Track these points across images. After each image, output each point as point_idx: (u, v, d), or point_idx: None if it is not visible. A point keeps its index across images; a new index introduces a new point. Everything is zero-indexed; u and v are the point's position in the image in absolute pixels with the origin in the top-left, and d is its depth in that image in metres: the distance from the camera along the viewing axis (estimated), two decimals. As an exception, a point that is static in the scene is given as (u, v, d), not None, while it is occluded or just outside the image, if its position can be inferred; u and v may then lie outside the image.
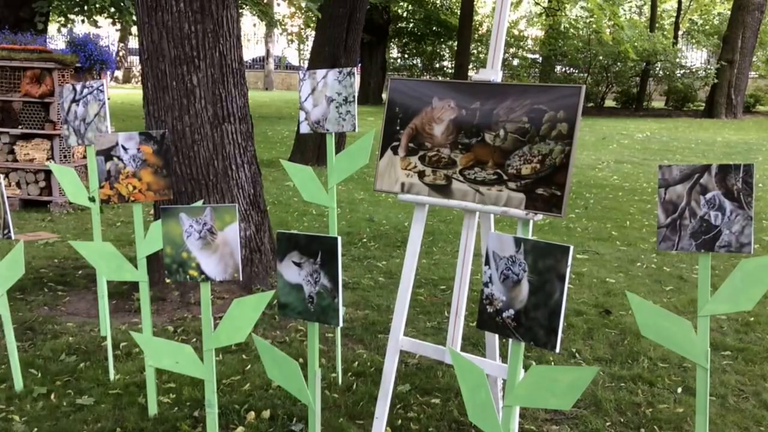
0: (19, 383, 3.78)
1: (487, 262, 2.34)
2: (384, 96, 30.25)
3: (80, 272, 5.85)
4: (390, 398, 3.28)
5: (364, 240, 7.30)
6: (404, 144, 3.14)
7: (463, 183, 2.98)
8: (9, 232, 3.53)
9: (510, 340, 2.32)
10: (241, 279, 2.99)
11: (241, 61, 5.14)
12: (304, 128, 3.79)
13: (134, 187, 3.30)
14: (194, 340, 4.51)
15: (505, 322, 2.30)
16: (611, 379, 4.10)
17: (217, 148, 5.00)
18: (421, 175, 3.09)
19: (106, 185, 3.29)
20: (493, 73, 2.99)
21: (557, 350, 2.20)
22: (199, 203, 3.52)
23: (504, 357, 3.37)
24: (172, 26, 4.77)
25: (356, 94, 3.63)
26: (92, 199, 3.84)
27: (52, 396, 3.72)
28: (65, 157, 8.24)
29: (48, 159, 8.17)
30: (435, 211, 8.85)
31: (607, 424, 3.58)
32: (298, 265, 2.66)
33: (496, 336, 3.21)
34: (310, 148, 11.89)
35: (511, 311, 2.28)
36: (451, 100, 3.02)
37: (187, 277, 2.98)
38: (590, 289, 5.78)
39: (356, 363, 4.22)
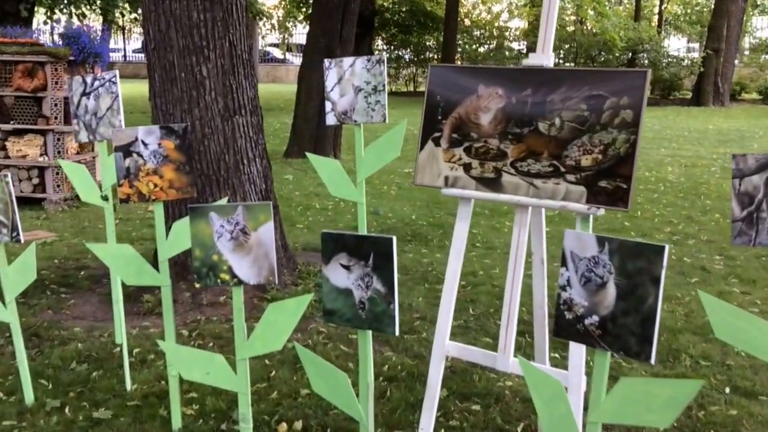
0: (29, 396, 3.54)
1: (564, 263, 2.13)
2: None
3: (83, 273, 5.59)
4: (436, 408, 3.08)
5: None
6: (447, 135, 2.92)
7: (514, 176, 2.78)
8: (18, 234, 3.29)
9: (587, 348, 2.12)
10: (277, 282, 2.76)
11: (250, 51, 4.90)
12: (330, 120, 3.56)
13: (155, 185, 3.07)
14: (211, 344, 4.29)
15: (588, 329, 2.09)
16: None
17: (228, 142, 4.76)
18: (467, 167, 2.88)
19: (125, 183, 3.05)
20: (544, 58, 2.78)
21: (653, 361, 2.00)
22: (224, 200, 3.29)
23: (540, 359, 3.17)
24: (180, 15, 4.53)
25: (386, 83, 3.41)
26: (105, 198, 3.60)
27: (66, 409, 3.48)
28: (59, 152, 7.95)
29: (42, 155, 7.88)
30: (441, 202, 8.65)
31: (662, 429, 3.39)
32: (347, 268, 2.44)
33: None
34: (307, 140, 11.64)
35: (595, 318, 2.08)
36: (498, 87, 2.81)
37: (218, 281, 2.75)
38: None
39: (386, 367, 4.01)
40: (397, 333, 2.41)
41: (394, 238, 2.32)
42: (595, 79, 2.62)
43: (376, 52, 32.83)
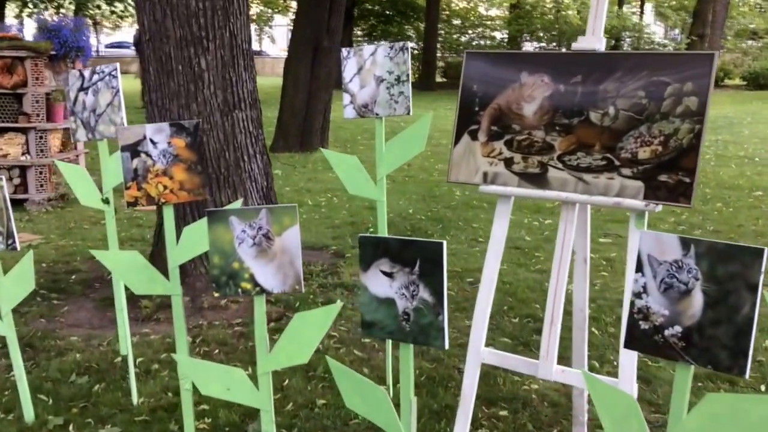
0: (30, 413, 3.28)
1: (640, 268, 1.91)
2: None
3: (74, 277, 5.32)
4: (470, 419, 2.87)
5: (371, 229, 6.85)
6: (486, 127, 2.70)
7: (562, 170, 2.56)
8: (14, 242, 3.03)
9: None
10: (302, 290, 2.53)
11: (250, 42, 4.64)
12: (349, 113, 3.32)
13: (165, 187, 2.82)
14: (216, 351, 4.05)
15: (669, 341, 1.88)
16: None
17: (228, 138, 4.51)
18: (508, 162, 2.66)
19: (132, 186, 2.80)
20: (595, 41, 2.56)
21: (746, 376, 1.79)
22: (238, 203, 3.04)
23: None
24: (177, 3, 4.26)
25: (410, 73, 3.18)
26: (106, 201, 3.34)
27: (71, 427, 3.24)
28: (42, 151, 7.64)
29: (23, 154, 7.56)
30: (437, 196, 8.45)
31: None
32: (389, 275, 2.21)
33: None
34: (293, 134, 11.37)
35: (678, 328, 1.87)
36: (544, 74, 2.59)
37: (239, 290, 2.51)
38: (624, 276, 5.40)
39: (404, 372, 3.79)
40: (446, 346, 2.19)
41: (445, 243, 2.10)
42: (655, 63, 2.41)
43: (356, 43, 32.51)
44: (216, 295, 2.56)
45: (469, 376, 2.82)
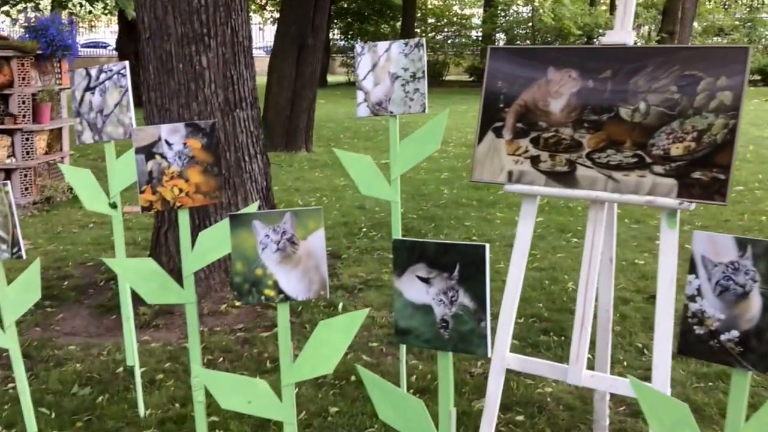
0: (33, 429, 3.14)
1: (694, 270, 1.85)
2: (330, 79, 29.55)
3: (66, 283, 5.18)
4: (494, 425, 2.79)
5: (364, 230, 6.76)
6: (510, 124, 2.62)
7: (591, 168, 2.49)
8: (19, 250, 2.90)
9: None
10: (327, 296, 2.44)
11: (250, 38, 4.53)
12: (363, 111, 3.22)
13: (180, 190, 2.71)
14: (221, 359, 3.94)
15: (725, 346, 1.81)
16: (697, 379, 3.69)
17: (229, 138, 4.40)
18: (534, 160, 2.59)
19: (147, 189, 2.69)
20: (624, 35, 2.49)
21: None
22: (254, 206, 2.94)
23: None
24: (179, -1, 4.14)
25: (425, 69, 3.10)
26: (113, 206, 3.22)
27: (77, 442, 3.13)
28: (27, 153, 7.46)
29: (9, 156, 7.38)
30: (426, 194, 8.37)
31: (722, 434, 3.16)
32: (426, 281, 2.13)
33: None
34: (279, 133, 11.22)
35: (735, 333, 1.80)
36: (571, 69, 2.52)
37: (262, 298, 2.42)
38: (623, 273, 5.37)
39: (414, 377, 3.72)
40: (489, 354, 2.11)
41: (487, 246, 2.02)
42: (688, 57, 2.35)
43: (332, 42, 32.32)
44: (238, 304, 2.47)
45: (493, 382, 2.75)
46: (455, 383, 3.66)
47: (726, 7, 33.93)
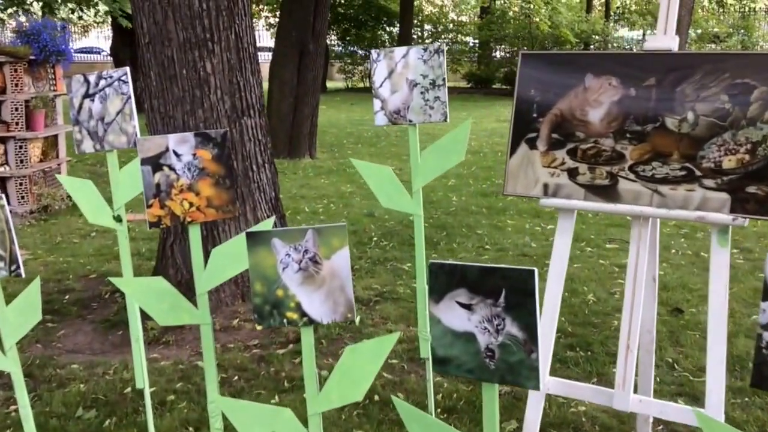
0: (36, 456, 2.98)
1: (767, 297, 1.69)
2: (329, 85, 29.38)
3: (67, 297, 5.00)
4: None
5: (375, 239, 6.59)
6: (545, 135, 2.47)
7: (634, 182, 2.33)
8: (18, 268, 2.73)
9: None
10: (354, 319, 2.28)
11: (255, 44, 4.37)
12: (380, 120, 3.06)
13: (191, 204, 2.55)
14: (236, 378, 3.77)
15: (802, 378, 1.65)
16: (733, 395, 3.53)
17: (236, 147, 4.24)
18: (572, 173, 2.43)
19: (155, 203, 2.52)
20: (669, 40, 2.33)
21: None
22: (270, 222, 2.77)
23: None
24: (179, 4, 3.97)
25: (446, 77, 2.93)
26: (118, 219, 3.05)
27: (83, 470, 2.96)
28: (22, 161, 7.29)
29: (2, 164, 7.20)
30: (434, 201, 8.21)
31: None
32: (467, 307, 1.96)
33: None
34: (282, 140, 11.05)
35: (813, 364, 1.64)
36: (612, 76, 2.36)
37: (284, 321, 2.25)
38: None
39: (440, 395, 3.56)
40: (541, 388, 1.94)
41: (536, 270, 1.85)
42: (739, 64, 2.19)
43: (330, 48, 32.17)
44: (259, 327, 2.30)
45: (532, 408, 2.60)
46: (481, 403, 3.51)
47: (720, 14, 33.83)
